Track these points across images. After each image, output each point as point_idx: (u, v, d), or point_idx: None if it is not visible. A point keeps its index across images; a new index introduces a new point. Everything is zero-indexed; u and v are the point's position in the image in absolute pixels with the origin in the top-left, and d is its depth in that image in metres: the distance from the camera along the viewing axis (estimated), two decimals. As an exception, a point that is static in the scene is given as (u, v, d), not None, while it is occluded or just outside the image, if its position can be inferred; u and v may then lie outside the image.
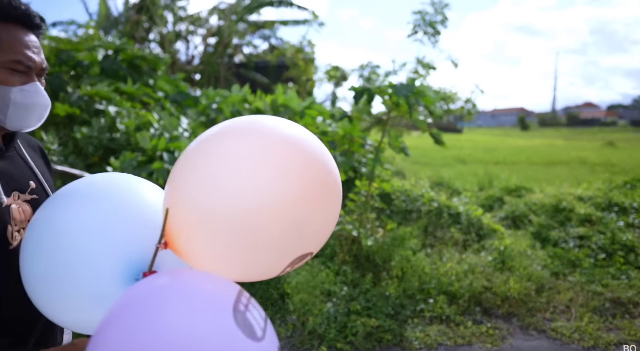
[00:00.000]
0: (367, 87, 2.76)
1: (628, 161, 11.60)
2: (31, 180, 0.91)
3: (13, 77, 0.82)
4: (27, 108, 0.84)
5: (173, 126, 4.00)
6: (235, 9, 11.34)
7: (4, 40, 0.80)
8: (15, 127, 0.85)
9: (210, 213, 0.64)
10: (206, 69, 11.31)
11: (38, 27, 0.86)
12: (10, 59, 0.80)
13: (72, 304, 0.76)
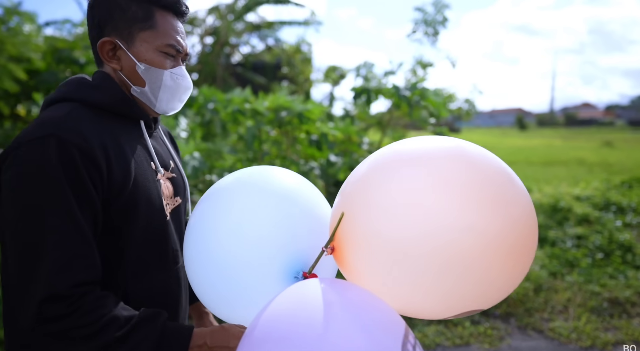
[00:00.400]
0: (367, 88, 2.76)
1: (626, 161, 11.64)
2: (171, 160, 0.98)
3: (165, 61, 0.86)
4: (173, 91, 0.88)
5: (170, 126, 3.98)
6: (232, 8, 11.32)
7: (160, 25, 0.85)
8: (162, 110, 0.90)
9: (392, 242, 0.60)
10: (204, 69, 11.29)
11: (184, 15, 0.92)
12: (165, 43, 0.85)
13: (233, 296, 0.78)
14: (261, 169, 0.89)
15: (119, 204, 0.79)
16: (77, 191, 0.72)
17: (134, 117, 0.89)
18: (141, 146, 0.88)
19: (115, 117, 0.86)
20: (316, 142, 3.42)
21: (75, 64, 4.45)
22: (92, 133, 0.77)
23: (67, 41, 4.74)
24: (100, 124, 0.81)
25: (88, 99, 0.82)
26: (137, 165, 0.84)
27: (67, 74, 4.64)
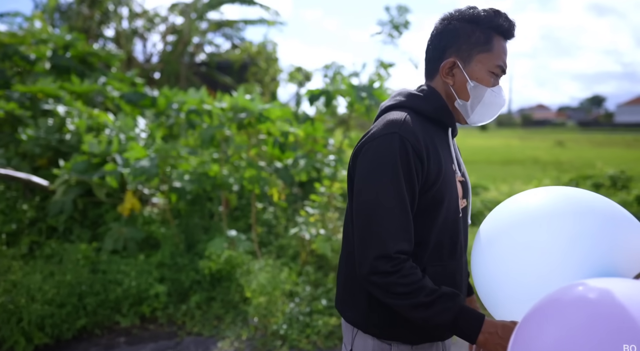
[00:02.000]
0: (326, 90, 2.78)
1: (575, 159, 12.40)
2: (462, 165, 1.11)
3: (491, 80, 1.00)
4: (488, 106, 1.01)
5: (129, 127, 3.85)
6: (195, 6, 11.07)
7: (495, 48, 0.99)
8: (473, 121, 1.04)
9: None
10: (166, 68, 10.97)
11: (513, 37, 1.03)
12: (496, 64, 0.99)
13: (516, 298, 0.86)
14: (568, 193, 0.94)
15: (430, 195, 0.96)
16: (408, 178, 0.93)
17: (447, 125, 1.05)
18: (448, 150, 1.05)
19: (434, 123, 1.03)
20: (279, 144, 3.41)
21: (24, 61, 4.20)
22: (420, 134, 0.96)
23: (16, 36, 4.47)
24: (424, 127, 0.99)
25: (418, 108, 1.02)
26: (446, 165, 1.00)
27: (16, 71, 4.38)
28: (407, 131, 0.95)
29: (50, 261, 3.09)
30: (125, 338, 2.78)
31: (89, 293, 2.85)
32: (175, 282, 3.14)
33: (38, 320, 2.60)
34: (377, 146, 0.95)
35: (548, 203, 0.90)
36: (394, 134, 0.94)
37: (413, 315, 0.90)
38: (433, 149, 0.98)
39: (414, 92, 1.06)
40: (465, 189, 1.09)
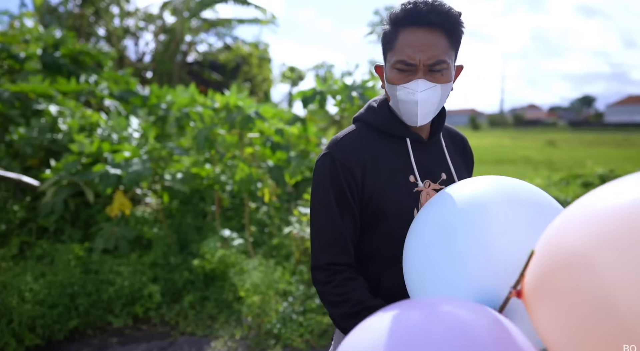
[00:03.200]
0: (319, 91, 2.79)
1: (566, 159, 12.55)
2: (443, 172, 1.01)
3: (398, 76, 0.92)
4: (407, 104, 0.93)
5: (121, 127, 3.83)
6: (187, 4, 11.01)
7: (398, 44, 0.90)
8: (411, 123, 0.96)
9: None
10: (158, 67, 10.90)
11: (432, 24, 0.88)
12: (395, 60, 0.90)
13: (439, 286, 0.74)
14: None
15: (369, 210, 0.97)
16: (340, 197, 0.96)
17: (402, 136, 0.99)
18: (404, 161, 0.99)
19: (386, 136, 1.00)
20: (271, 144, 3.41)
21: (12, 59, 4.15)
22: (358, 151, 0.96)
23: (5, 34, 4.42)
24: (372, 141, 0.99)
25: (370, 122, 1.01)
26: (390, 177, 0.97)
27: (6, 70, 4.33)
28: (339, 150, 0.96)
29: (41, 261, 3.07)
30: (118, 338, 2.77)
31: (81, 293, 2.83)
32: (168, 282, 3.13)
33: (29, 321, 2.58)
34: (315, 168, 1.00)
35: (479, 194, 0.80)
36: (326, 155, 0.98)
37: (339, 324, 0.94)
38: (373, 164, 0.96)
39: (371, 104, 1.04)
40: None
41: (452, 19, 0.89)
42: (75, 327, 2.78)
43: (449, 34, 0.89)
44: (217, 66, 12.43)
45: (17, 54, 4.22)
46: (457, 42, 0.92)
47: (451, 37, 0.90)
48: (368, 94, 2.91)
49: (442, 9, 0.88)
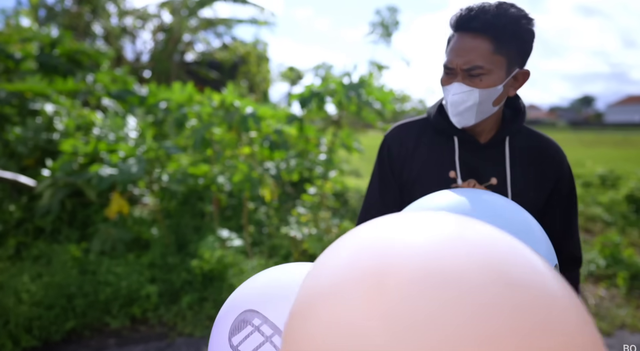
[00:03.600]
0: (317, 92, 2.77)
1: (565, 158, 12.54)
2: (496, 177, 0.98)
3: (445, 79, 0.95)
4: (450, 106, 0.95)
5: (118, 126, 3.81)
6: (185, 3, 10.99)
7: (448, 48, 0.94)
8: (456, 123, 0.97)
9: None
10: (156, 66, 10.88)
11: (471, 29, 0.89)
12: (443, 64, 0.95)
13: None
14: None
15: (405, 195, 1.06)
16: (381, 171, 1.11)
17: (448, 134, 1.02)
18: (448, 157, 1.01)
19: (439, 132, 1.05)
20: (270, 143, 3.40)
21: (9, 59, 4.13)
22: (402, 138, 1.08)
23: (1, 34, 4.39)
24: (419, 133, 1.07)
25: (429, 116, 1.07)
26: (427, 169, 1.03)
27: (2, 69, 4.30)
28: (392, 134, 1.11)
29: (38, 262, 3.05)
30: (115, 339, 2.75)
31: (78, 294, 2.81)
32: (166, 282, 3.11)
33: (25, 322, 2.56)
34: None
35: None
36: (386, 135, 1.13)
37: None
38: (421, 153, 1.05)
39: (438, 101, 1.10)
40: None
41: (500, 24, 0.87)
42: (73, 328, 2.76)
43: (495, 39, 0.88)
44: (216, 65, 12.41)
45: (13, 53, 4.19)
46: (509, 47, 0.89)
47: (498, 42, 0.88)
48: (367, 94, 2.89)
49: (487, 15, 0.88)
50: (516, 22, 0.88)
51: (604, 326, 2.91)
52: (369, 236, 0.43)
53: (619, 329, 2.91)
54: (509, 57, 0.90)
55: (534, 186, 0.99)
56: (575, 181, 1.04)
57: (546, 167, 1.00)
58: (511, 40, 0.89)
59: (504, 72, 0.91)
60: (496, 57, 0.89)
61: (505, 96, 0.94)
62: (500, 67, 0.90)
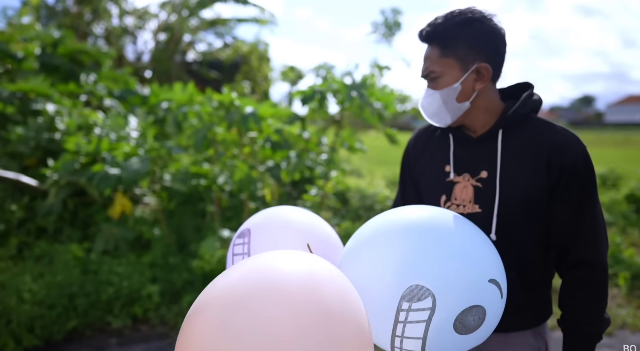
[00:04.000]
0: (319, 90, 2.77)
1: (565, 158, 12.53)
2: (486, 170, 1.01)
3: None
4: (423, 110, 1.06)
5: (119, 126, 3.81)
6: (186, 4, 10.99)
7: None
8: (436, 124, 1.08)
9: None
10: (157, 66, 10.89)
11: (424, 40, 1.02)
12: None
13: None
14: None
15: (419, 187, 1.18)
16: (403, 172, 1.25)
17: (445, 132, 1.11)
18: (445, 153, 1.09)
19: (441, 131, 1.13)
20: (271, 143, 3.40)
21: (11, 59, 4.14)
22: (423, 137, 1.19)
23: (3, 33, 4.40)
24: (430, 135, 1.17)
25: None
26: (429, 165, 1.13)
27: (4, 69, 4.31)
28: (412, 137, 1.24)
29: (40, 261, 3.06)
30: (116, 339, 2.76)
31: (80, 293, 2.82)
32: (167, 282, 3.12)
33: (27, 322, 2.57)
34: None
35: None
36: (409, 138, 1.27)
37: None
38: (427, 151, 1.16)
39: None
40: (480, 196, 1.01)
41: (442, 30, 0.97)
42: (74, 328, 2.77)
43: (440, 45, 0.98)
44: (217, 65, 12.42)
45: (15, 53, 4.20)
46: (457, 48, 0.97)
47: (444, 47, 0.97)
48: (369, 93, 2.90)
49: (434, 24, 0.99)
50: (463, 25, 0.96)
51: (605, 326, 2.92)
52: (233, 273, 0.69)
53: (620, 329, 2.91)
54: (459, 57, 0.97)
55: (531, 177, 0.97)
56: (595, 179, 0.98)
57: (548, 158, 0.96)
58: (458, 42, 0.96)
59: (458, 71, 0.97)
60: (445, 60, 0.98)
61: (470, 91, 0.99)
62: (452, 68, 0.98)
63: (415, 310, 0.74)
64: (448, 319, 0.74)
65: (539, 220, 0.99)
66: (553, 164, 0.96)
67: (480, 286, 0.77)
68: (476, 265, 0.78)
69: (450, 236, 0.81)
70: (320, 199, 3.51)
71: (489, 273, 0.79)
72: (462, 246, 0.80)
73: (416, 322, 0.74)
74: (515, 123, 1.01)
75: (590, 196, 0.96)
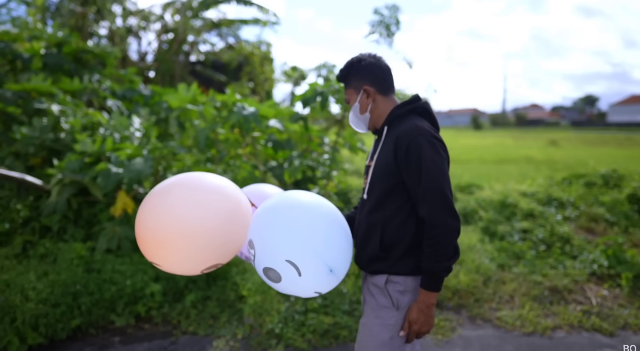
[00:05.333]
0: (320, 91, 2.77)
1: (568, 158, 12.51)
2: (374, 158, 1.49)
3: None
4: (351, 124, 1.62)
5: (123, 126, 3.84)
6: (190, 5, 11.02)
7: None
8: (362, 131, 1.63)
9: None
10: (161, 67, 10.92)
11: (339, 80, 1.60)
12: None
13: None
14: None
15: None
16: None
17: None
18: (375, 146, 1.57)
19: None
20: (273, 143, 3.41)
21: (17, 59, 4.17)
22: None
23: (9, 33, 4.43)
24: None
25: None
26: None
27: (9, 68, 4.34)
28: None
29: (44, 260, 3.08)
30: (120, 337, 2.78)
31: (84, 292, 2.84)
32: (170, 281, 3.14)
33: (32, 320, 2.59)
34: None
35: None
36: None
37: None
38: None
39: None
40: (367, 172, 1.53)
41: (342, 72, 1.54)
42: (78, 326, 2.79)
43: (344, 81, 1.57)
44: (220, 66, 12.44)
45: (21, 53, 4.23)
46: (349, 81, 1.53)
47: (348, 84, 1.54)
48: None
49: (340, 70, 1.56)
50: (351, 66, 1.52)
51: (607, 326, 2.91)
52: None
53: (622, 329, 2.92)
54: (353, 86, 1.52)
55: (389, 156, 1.40)
56: (429, 156, 1.34)
57: (396, 145, 1.39)
58: (349, 78, 1.53)
59: (355, 95, 1.52)
60: (348, 90, 1.55)
61: (366, 105, 1.51)
62: (352, 94, 1.53)
63: (250, 249, 1.33)
64: (260, 266, 1.30)
65: (398, 185, 1.40)
66: (397, 146, 1.38)
67: (278, 260, 1.24)
68: (284, 246, 1.24)
69: (287, 219, 1.26)
70: (323, 199, 3.52)
71: (287, 256, 1.23)
72: (287, 229, 1.25)
73: (252, 256, 1.33)
74: (394, 121, 1.47)
75: (423, 170, 1.32)
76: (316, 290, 1.31)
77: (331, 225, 1.29)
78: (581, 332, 2.88)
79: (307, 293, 1.31)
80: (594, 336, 2.83)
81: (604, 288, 3.51)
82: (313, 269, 1.24)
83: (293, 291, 1.31)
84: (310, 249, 1.23)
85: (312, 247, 1.23)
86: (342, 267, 1.29)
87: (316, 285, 1.29)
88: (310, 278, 1.26)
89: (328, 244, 1.25)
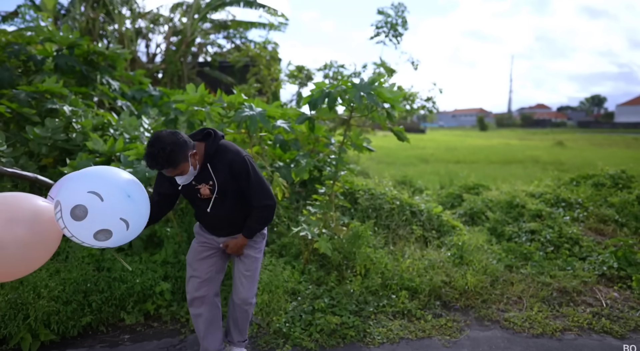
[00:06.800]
0: (328, 92, 2.78)
1: (575, 159, 12.42)
2: (211, 180, 2.06)
3: None
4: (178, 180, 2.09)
5: (133, 126, 3.88)
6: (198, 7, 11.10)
7: None
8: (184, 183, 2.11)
9: None
10: (169, 68, 11.00)
11: (160, 169, 1.90)
12: None
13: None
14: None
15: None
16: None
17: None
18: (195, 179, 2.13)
19: None
20: (280, 142, 3.43)
21: (30, 61, 4.22)
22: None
23: (23, 36, 4.49)
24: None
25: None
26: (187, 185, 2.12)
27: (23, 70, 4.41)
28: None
29: (56, 258, 3.12)
30: (129, 335, 2.81)
31: (94, 290, 2.88)
32: (179, 280, 3.17)
33: (44, 317, 2.63)
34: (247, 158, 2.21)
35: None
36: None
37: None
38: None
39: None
40: (212, 191, 2.09)
41: (166, 161, 1.85)
42: (89, 323, 2.83)
43: (172, 166, 1.90)
44: (227, 67, 12.50)
45: (34, 55, 4.29)
46: (179, 163, 1.90)
47: (174, 166, 1.89)
48: (377, 94, 2.91)
49: (158, 161, 1.84)
50: (170, 154, 1.85)
51: (618, 329, 2.89)
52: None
53: (633, 331, 2.90)
54: (178, 162, 1.90)
55: (230, 178, 2.06)
56: (250, 170, 2.09)
57: (228, 166, 2.06)
58: (176, 162, 1.89)
59: (188, 165, 1.95)
60: (179, 167, 1.92)
61: (194, 162, 1.98)
62: (185, 166, 1.94)
63: (57, 212, 1.60)
64: (67, 210, 1.56)
65: (238, 192, 2.11)
66: (232, 169, 2.06)
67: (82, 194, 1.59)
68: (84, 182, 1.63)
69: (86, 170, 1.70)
70: (329, 198, 3.53)
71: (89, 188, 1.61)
72: (86, 172, 1.69)
73: (60, 213, 1.59)
74: (214, 156, 2.05)
75: (250, 178, 2.08)
76: (122, 217, 1.60)
77: (123, 171, 1.75)
78: (591, 334, 2.86)
79: (115, 220, 1.58)
80: (604, 338, 2.81)
81: (614, 290, 3.49)
82: (113, 194, 1.57)
83: (103, 222, 1.57)
84: (108, 179, 1.62)
85: (109, 178, 1.63)
86: (140, 196, 1.70)
87: (120, 211, 1.59)
88: (112, 203, 1.56)
89: (123, 177, 1.68)
